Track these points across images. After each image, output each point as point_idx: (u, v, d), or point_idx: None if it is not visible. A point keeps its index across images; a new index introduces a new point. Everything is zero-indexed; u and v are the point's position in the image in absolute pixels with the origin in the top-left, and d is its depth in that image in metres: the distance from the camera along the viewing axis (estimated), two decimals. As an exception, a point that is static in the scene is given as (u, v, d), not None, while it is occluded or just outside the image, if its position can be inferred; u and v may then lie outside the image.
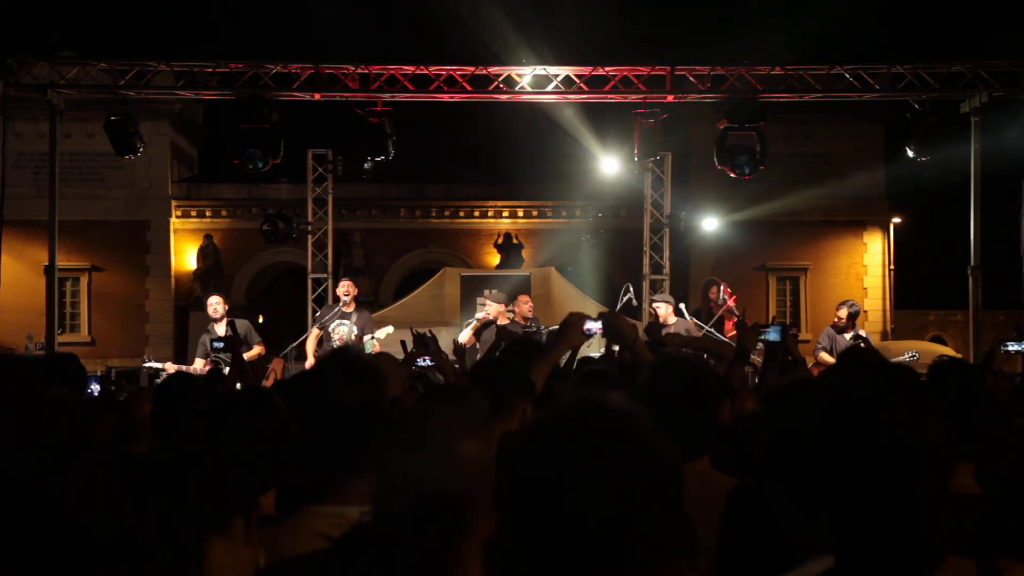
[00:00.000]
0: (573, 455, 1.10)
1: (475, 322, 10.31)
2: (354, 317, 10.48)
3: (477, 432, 1.62)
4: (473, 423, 1.67)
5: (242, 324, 10.28)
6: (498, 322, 9.99)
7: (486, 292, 10.79)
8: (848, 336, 10.49)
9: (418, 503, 1.46)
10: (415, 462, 1.55)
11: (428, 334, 5.58)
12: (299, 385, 2.43)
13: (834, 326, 10.69)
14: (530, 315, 10.34)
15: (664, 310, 10.25)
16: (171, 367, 10.31)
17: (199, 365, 9.88)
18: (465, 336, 10.11)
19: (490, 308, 10.19)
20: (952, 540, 1.49)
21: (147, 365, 10.89)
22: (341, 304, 10.61)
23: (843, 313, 10.63)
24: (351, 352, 2.35)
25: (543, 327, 9.91)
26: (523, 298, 10.66)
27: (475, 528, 1.50)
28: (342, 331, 10.42)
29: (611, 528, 1.07)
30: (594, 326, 3.81)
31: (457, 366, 6.60)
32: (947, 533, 1.46)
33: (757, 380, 4.55)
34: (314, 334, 10.63)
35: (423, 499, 1.47)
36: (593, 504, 1.07)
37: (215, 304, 10.09)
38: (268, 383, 6.87)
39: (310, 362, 10.04)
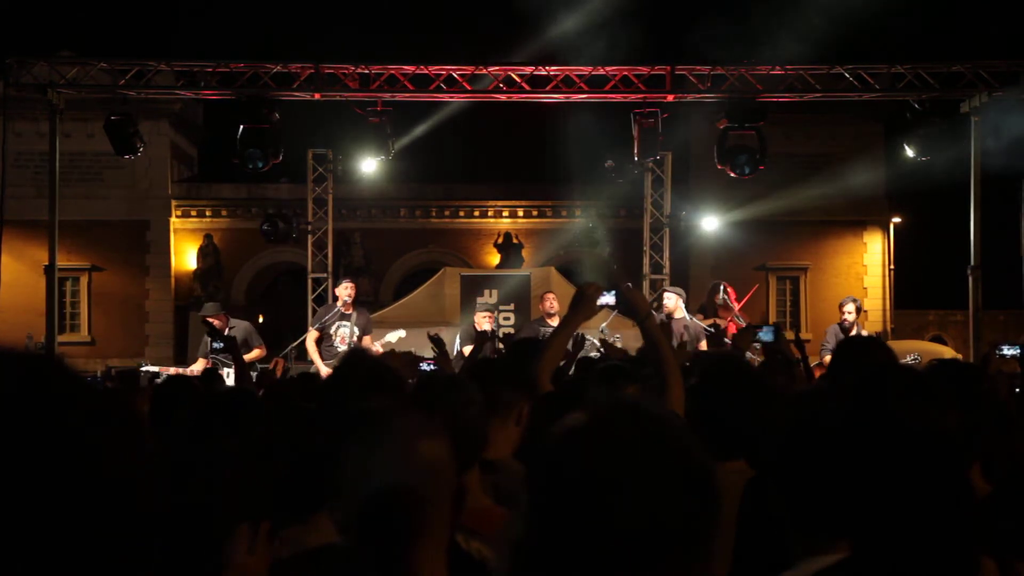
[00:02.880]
0: (616, 458, 1.11)
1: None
2: (354, 318, 10.50)
3: (437, 433, 1.62)
4: (433, 424, 1.66)
5: (243, 327, 10.30)
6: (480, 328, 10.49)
7: (480, 307, 11.17)
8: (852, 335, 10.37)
9: (372, 501, 1.46)
10: (370, 460, 1.54)
11: (435, 335, 5.58)
12: (321, 393, 2.43)
13: (840, 324, 10.45)
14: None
15: (672, 302, 10.26)
16: (172, 371, 10.33)
17: (199, 367, 9.88)
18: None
19: (485, 321, 10.63)
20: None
21: (144, 369, 10.87)
22: (340, 305, 10.61)
23: (851, 307, 10.37)
24: (370, 358, 2.33)
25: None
26: (549, 295, 11.19)
27: (434, 527, 1.50)
28: (343, 332, 10.43)
29: (649, 532, 1.08)
30: (608, 298, 3.77)
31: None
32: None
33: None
34: (312, 335, 10.61)
35: (377, 497, 1.46)
36: (632, 508, 1.08)
37: (212, 322, 10.12)
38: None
39: (324, 369, 10.02)
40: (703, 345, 9.85)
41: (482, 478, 2.51)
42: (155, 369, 10.67)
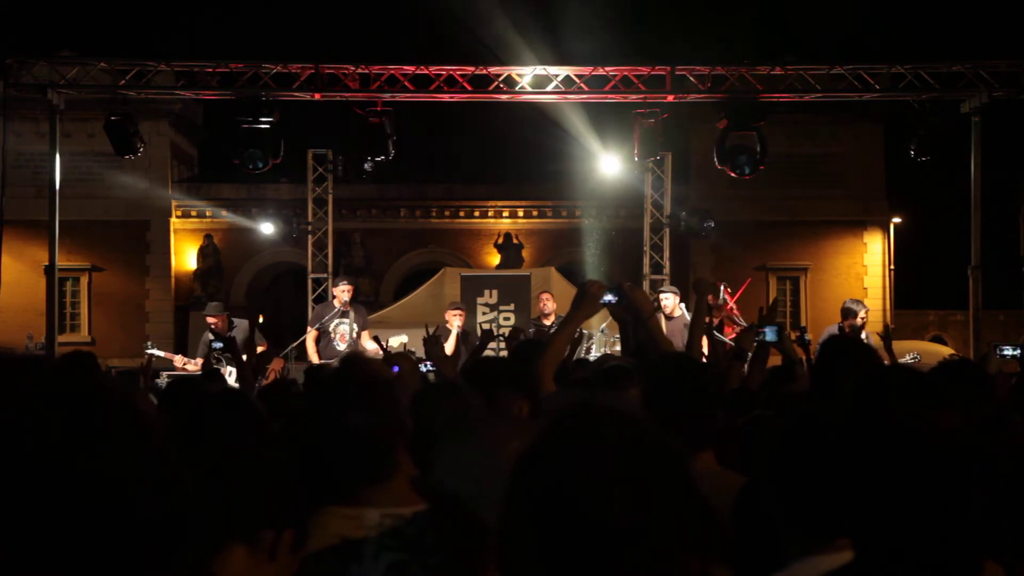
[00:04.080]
0: (580, 463, 1.10)
1: (455, 333, 10.56)
2: (352, 315, 10.53)
3: (521, 433, 1.66)
4: (521, 429, 1.70)
5: (245, 326, 10.30)
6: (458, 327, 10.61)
7: (451, 306, 11.13)
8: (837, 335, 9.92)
9: (440, 504, 1.48)
10: (461, 456, 1.59)
11: (434, 333, 5.56)
12: (311, 408, 2.43)
13: (851, 327, 9.47)
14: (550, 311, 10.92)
15: (672, 301, 10.26)
16: (178, 359, 10.34)
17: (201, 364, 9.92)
18: (450, 348, 10.35)
19: (456, 319, 10.66)
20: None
21: (149, 352, 10.86)
22: (338, 304, 10.62)
23: (864, 313, 9.55)
24: (361, 369, 2.31)
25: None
26: (544, 295, 11.40)
27: None
28: (343, 330, 10.46)
29: (625, 533, 1.07)
30: (610, 296, 3.74)
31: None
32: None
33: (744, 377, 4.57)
34: (312, 335, 10.61)
35: (446, 500, 1.48)
36: (605, 510, 1.08)
37: (212, 324, 10.16)
38: (268, 382, 6.89)
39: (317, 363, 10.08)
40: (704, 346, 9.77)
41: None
42: (160, 353, 10.66)
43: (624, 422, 1.15)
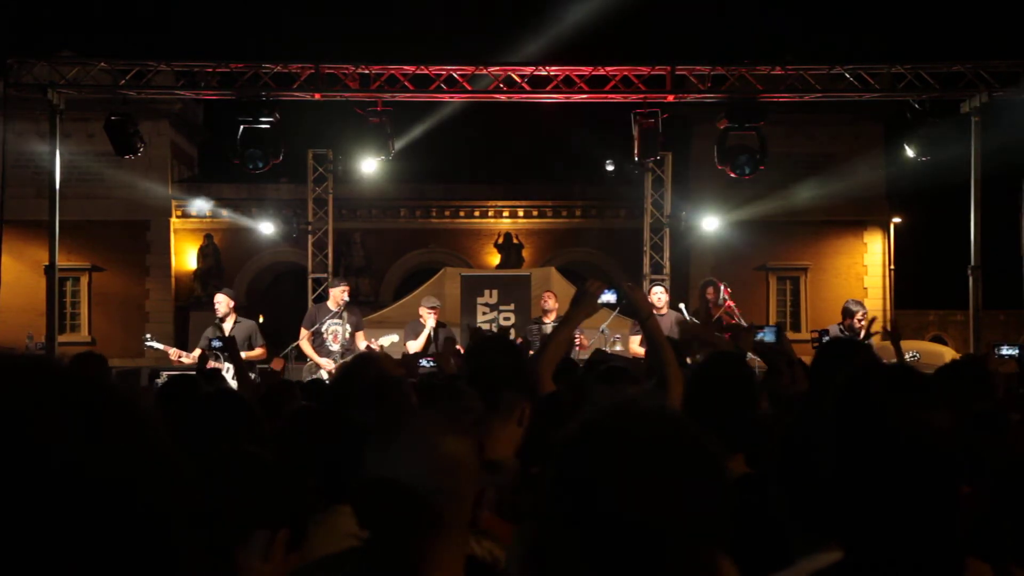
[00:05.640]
0: (622, 459, 1.11)
1: (428, 330, 10.47)
2: (346, 316, 10.52)
3: (459, 432, 1.64)
4: (456, 423, 1.68)
5: (247, 325, 10.30)
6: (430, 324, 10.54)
7: (426, 303, 10.94)
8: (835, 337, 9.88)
9: (391, 492, 1.47)
10: (394, 455, 1.57)
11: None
12: (327, 398, 2.43)
13: (849, 327, 9.52)
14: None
15: (664, 298, 10.35)
16: (173, 352, 10.33)
17: (196, 354, 9.93)
18: (419, 345, 10.31)
19: (430, 316, 10.54)
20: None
21: (148, 344, 10.84)
22: (333, 305, 10.61)
23: (862, 313, 9.53)
24: (372, 368, 2.31)
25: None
26: (547, 294, 11.42)
27: (452, 524, 1.51)
28: (336, 330, 10.45)
29: (660, 530, 1.08)
30: (609, 297, 3.73)
31: (413, 380, 6.68)
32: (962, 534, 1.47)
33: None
34: (305, 336, 10.58)
35: (396, 488, 1.47)
36: (642, 506, 1.09)
37: (218, 304, 10.15)
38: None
39: (323, 363, 10.09)
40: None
41: (484, 478, 2.52)
42: (159, 346, 10.66)
43: (662, 422, 1.16)
